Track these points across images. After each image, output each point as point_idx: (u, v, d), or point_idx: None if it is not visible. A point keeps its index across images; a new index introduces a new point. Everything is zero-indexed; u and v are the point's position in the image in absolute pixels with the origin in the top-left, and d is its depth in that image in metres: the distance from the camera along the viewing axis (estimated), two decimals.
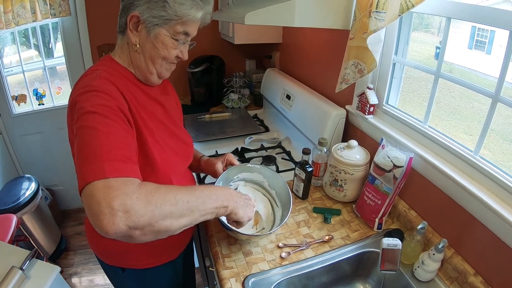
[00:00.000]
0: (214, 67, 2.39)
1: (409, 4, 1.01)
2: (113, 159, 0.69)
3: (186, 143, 1.15)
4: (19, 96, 2.67)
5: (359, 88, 1.43)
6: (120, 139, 0.76)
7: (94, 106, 0.76)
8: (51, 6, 2.26)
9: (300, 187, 1.35)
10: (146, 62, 0.95)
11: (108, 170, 0.66)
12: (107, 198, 0.62)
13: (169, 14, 0.87)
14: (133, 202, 0.64)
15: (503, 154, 1.05)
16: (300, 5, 1.16)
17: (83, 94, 0.79)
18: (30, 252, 1.33)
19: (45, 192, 2.80)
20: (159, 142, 0.98)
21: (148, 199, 0.67)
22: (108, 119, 0.76)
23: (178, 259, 1.20)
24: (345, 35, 1.33)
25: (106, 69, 0.91)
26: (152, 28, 0.89)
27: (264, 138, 1.97)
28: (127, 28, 0.90)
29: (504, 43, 1.05)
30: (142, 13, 0.87)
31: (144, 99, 0.99)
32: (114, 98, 0.81)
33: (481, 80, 1.18)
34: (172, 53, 0.95)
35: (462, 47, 1.10)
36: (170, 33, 0.91)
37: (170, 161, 1.01)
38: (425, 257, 1.01)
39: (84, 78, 0.87)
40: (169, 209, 0.71)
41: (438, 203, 1.12)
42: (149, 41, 0.91)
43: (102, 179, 0.64)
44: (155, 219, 0.68)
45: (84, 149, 0.71)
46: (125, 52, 0.96)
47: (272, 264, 1.07)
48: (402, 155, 1.11)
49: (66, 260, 2.61)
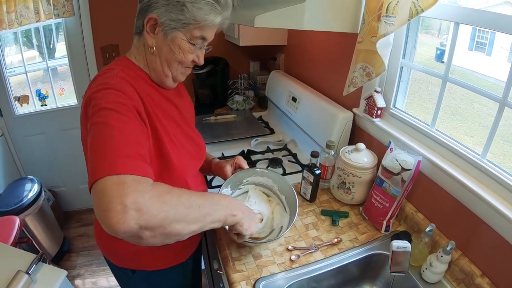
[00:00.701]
0: (218, 68, 2.39)
1: (418, 9, 1.01)
2: (127, 156, 0.68)
3: (199, 145, 1.16)
4: (22, 97, 2.66)
5: (367, 91, 1.43)
6: (134, 137, 0.75)
7: (110, 103, 0.76)
8: (54, 6, 2.25)
9: (308, 190, 1.35)
10: (162, 65, 0.95)
11: (121, 166, 0.64)
12: (120, 194, 0.60)
13: (187, 18, 0.86)
14: (146, 201, 0.62)
15: (504, 156, 1.06)
16: (310, 8, 1.16)
17: (99, 91, 0.80)
18: (36, 255, 1.32)
19: (47, 194, 2.79)
20: (175, 142, 0.98)
21: (162, 199, 0.66)
22: (124, 115, 0.76)
23: (188, 261, 1.21)
24: (351, 38, 1.34)
25: (123, 68, 0.90)
26: (169, 32, 0.89)
27: (270, 140, 1.97)
28: (144, 30, 0.90)
29: (507, 45, 1.06)
30: (160, 15, 0.87)
31: (161, 100, 0.99)
32: (130, 97, 0.81)
33: (482, 81, 1.19)
34: (189, 57, 0.94)
35: (463, 49, 1.10)
36: (187, 37, 0.90)
37: (185, 162, 1.02)
38: (433, 259, 1.02)
39: (100, 77, 0.88)
40: (183, 211, 0.70)
41: (445, 205, 1.13)
42: (165, 44, 0.91)
43: (115, 175, 0.63)
44: (169, 221, 0.66)
45: (97, 144, 0.70)
46: (141, 54, 0.96)
47: (282, 267, 1.08)
48: (410, 158, 1.12)
49: (69, 262, 2.61)
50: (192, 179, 1.08)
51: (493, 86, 1.13)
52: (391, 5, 1.04)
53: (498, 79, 1.08)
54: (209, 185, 1.53)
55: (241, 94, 2.50)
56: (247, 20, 1.21)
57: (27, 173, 2.84)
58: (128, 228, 0.60)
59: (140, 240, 0.65)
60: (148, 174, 0.70)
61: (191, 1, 0.85)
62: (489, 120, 1.01)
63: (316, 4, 1.17)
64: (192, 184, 1.06)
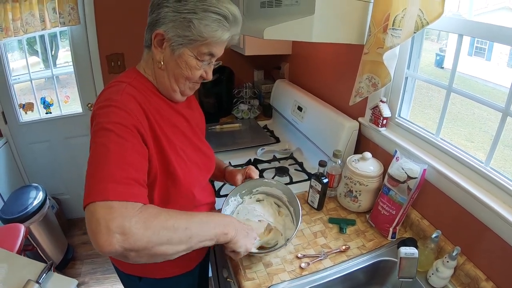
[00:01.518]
0: (224, 77, 2.40)
1: (424, 22, 1.05)
2: (119, 182, 0.71)
3: (208, 156, 1.16)
4: (26, 105, 2.67)
5: (372, 101, 1.46)
6: (130, 161, 0.76)
7: (110, 123, 0.77)
8: (60, 15, 2.27)
9: (316, 198, 1.37)
10: (170, 80, 0.95)
11: (111, 192, 0.68)
12: (106, 219, 0.64)
13: (194, 34, 0.86)
14: (131, 226, 0.66)
15: (505, 161, 1.08)
16: (318, 20, 1.18)
17: (102, 108, 0.81)
18: (46, 265, 1.32)
19: (51, 201, 2.79)
20: (182, 156, 0.98)
21: (146, 224, 0.69)
22: (122, 138, 0.77)
23: (195, 270, 1.21)
24: (356, 49, 1.36)
25: (131, 81, 0.91)
26: (176, 48, 0.88)
27: (276, 149, 1.98)
28: (152, 44, 0.90)
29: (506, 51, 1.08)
30: (167, 31, 0.86)
31: (169, 112, 0.99)
32: (132, 116, 0.81)
33: (481, 87, 1.21)
34: (196, 74, 0.94)
35: (462, 54, 1.11)
36: (194, 53, 0.90)
37: (192, 175, 1.02)
38: (439, 264, 1.04)
39: (107, 90, 0.89)
40: (167, 235, 0.73)
41: (450, 212, 1.15)
42: (173, 59, 0.91)
43: (104, 201, 0.66)
44: (152, 244, 0.70)
45: (93, 166, 0.73)
46: (150, 67, 0.96)
47: (293, 275, 1.09)
48: (416, 167, 1.15)
49: (73, 270, 2.60)
50: (200, 191, 1.07)
51: (493, 91, 1.15)
52: (397, 19, 1.07)
53: (497, 83, 1.11)
54: (217, 194, 1.54)
55: (246, 103, 2.52)
56: (256, 31, 1.23)
57: (31, 181, 2.84)
58: (113, 250, 0.64)
59: (126, 259, 0.69)
60: (139, 198, 0.73)
61: (198, 18, 0.84)
62: (489, 125, 1.03)
63: (324, 16, 1.19)
64: (199, 196, 1.07)
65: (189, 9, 0.84)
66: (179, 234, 0.76)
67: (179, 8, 0.84)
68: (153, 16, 0.89)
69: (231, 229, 0.91)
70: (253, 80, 2.80)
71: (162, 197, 0.94)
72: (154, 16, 0.88)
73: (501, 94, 0.98)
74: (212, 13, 0.85)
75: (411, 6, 1.04)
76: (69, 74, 2.69)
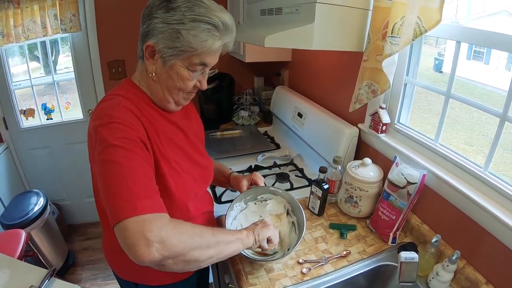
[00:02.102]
0: (224, 84, 2.42)
1: (422, 29, 1.06)
2: (142, 196, 0.74)
3: (205, 167, 1.15)
4: (27, 110, 2.68)
5: (372, 107, 1.48)
6: (144, 173, 0.79)
7: (116, 139, 0.78)
8: (61, 21, 2.29)
9: (317, 204, 1.38)
10: (163, 91, 0.94)
11: (139, 207, 0.71)
12: (144, 231, 0.68)
13: (183, 45, 0.84)
14: (167, 234, 0.71)
15: (505, 164, 1.09)
16: (318, 28, 1.19)
17: (104, 125, 0.81)
18: (48, 271, 1.33)
19: (52, 207, 2.80)
20: (176, 169, 0.97)
21: (179, 230, 0.75)
22: (131, 151, 0.78)
23: (192, 278, 1.20)
24: (356, 56, 1.38)
25: (126, 94, 0.91)
26: (167, 59, 0.87)
27: (276, 155, 1.99)
28: (144, 55, 0.89)
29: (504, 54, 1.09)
30: (157, 43, 0.85)
31: (164, 125, 0.98)
32: (134, 129, 0.82)
33: (480, 90, 1.22)
34: (188, 84, 0.93)
35: (461, 58, 1.12)
36: (185, 64, 0.88)
37: (187, 188, 1.02)
38: (439, 268, 1.05)
39: (103, 104, 0.89)
40: (197, 240, 0.78)
41: (450, 217, 1.16)
42: (164, 71, 0.90)
43: (136, 216, 0.70)
44: (187, 250, 0.75)
45: (112, 185, 0.75)
46: (144, 78, 0.96)
47: (294, 280, 1.10)
48: (415, 172, 1.16)
49: (73, 276, 2.60)
50: (195, 203, 1.07)
51: (492, 94, 1.16)
52: (396, 26, 1.09)
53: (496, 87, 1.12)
54: (218, 201, 1.55)
55: (247, 110, 2.53)
56: (257, 39, 1.24)
57: (31, 186, 2.85)
58: (153, 258, 0.69)
59: (164, 267, 0.74)
60: (164, 209, 0.78)
61: (186, 28, 0.83)
62: (489, 129, 1.04)
63: (324, 24, 1.20)
64: (194, 208, 1.07)
65: (177, 19, 0.82)
66: (207, 239, 0.82)
67: (168, 18, 0.83)
68: (144, 27, 0.88)
69: (246, 232, 0.97)
70: (253, 87, 2.83)
71: None
72: (145, 27, 0.88)
73: (500, 97, 0.99)
74: (200, 22, 0.83)
75: (409, 14, 1.06)
76: (69, 80, 2.71)
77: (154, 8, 0.85)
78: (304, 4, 1.22)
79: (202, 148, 1.19)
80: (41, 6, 2.24)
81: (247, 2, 1.80)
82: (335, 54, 1.76)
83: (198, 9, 0.83)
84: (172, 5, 0.83)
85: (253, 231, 0.99)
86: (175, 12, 0.82)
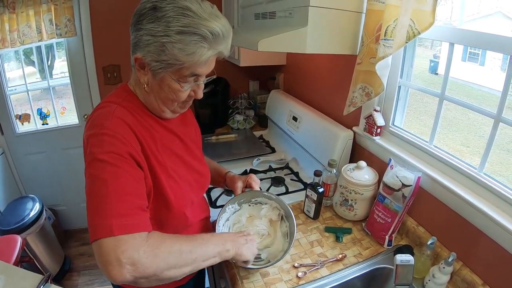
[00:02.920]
0: (219, 88, 2.42)
1: (415, 31, 1.06)
2: (122, 214, 0.72)
3: (201, 173, 1.14)
4: (23, 115, 2.68)
5: (366, 110, 1.48)
6: (129, 189, 0.77)
7: (103, 153, 0.76)
8: (57, 26, 2.28)
9: (312, 207, 1.38)
10: (157, 102, 0.92)
11: (116, 227, 0.70)
12: (117, 252, 0.67)
13: (170, 58, 0.80)
14: (140, 256, 0.69)
15: (500, 164, 1.09)
16: (312, 32, 1.20)
17: (94, 136, 0.80)
18: (43, 276, 1.32)
19: (48, 212, 2.77)
20: (173, 177, 0.96)
21: (154, 252, 0.73)
22: (117, 167, 0.76)
23: (188, 284, 1.19)
24: (350, 59, 1.39)
25: (122, 101, 0.89)
26: (156, 72, 0.84)
27: (272, 159, 1.99)
28: (135, 67, 0.87)
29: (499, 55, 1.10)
30: (144, 56, 0.82)
31: (160, 132, 0.97)
32: (124, 143, 0.80)
33: (476, 92, 1.23)
34: (181, 96, 0.89)
35: (456, 60, 1.12)
36: (175, 77, 0.85)
37: (185, 196, 1.01)
38: (435, 270, 1.05)
39: (97, 112, 0.87)
40: (173, 260, 0.77)
41: (445, 218, 1.17)
42: (156, 83, 0.87)
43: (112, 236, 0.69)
44: (160, 270, 0.73)
45: (94, 201, 0.74)
46: (139, 87, 0.94)
47: (290, 284, 1.10)
48: (410, 175, 1.16)
49: (70, 281, 2.58)
50: (192, 210, 1.06)
51: (487, 96, 1.17)
52: (389, 29, 1.09)
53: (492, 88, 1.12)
54: (214, 205, 1.54)
55: (242, 114, 2.53)
56: (250, 43, 1.24)
57: (27, 192, 2.84)
58: (125, 279, 0.68)
59: (137, 284, 0.73)
60: (143, 227, 0.75)
61: (172, 41, 0.78)
62: (484, 129, 1.04)
63: (317, 28, 1.20)
64: (191, 215, 1.06)
65: (162, 31, 0.78)
66: (185, 257, 0.80)
67: (152, 30, 0.79)
68: (132, 38, 0.85)
69: (231, 245, 0.95)
70: (249, 91, 2.82)
71: (155, 219, 0.92)
72: (133, 38, 0.85)
73: (495, 98, 0.99)
74: (186, 34, 0.78)
75: (402, 16, 1.06)
76: (65, 85, 2.70)
77: (141, 17, 0.81)
78: (297, 8, 1.22)
79: (199, 154, 1.18)
80: (37, 11, 2.24)
81: (242, 6, 1.80)
82: (330, 57, 1.77)
83: (184, 19, 0.78)
84: (158, 14, 0.78)
85: (237, 247, 0.97)
86: (160, 23, 0.78)
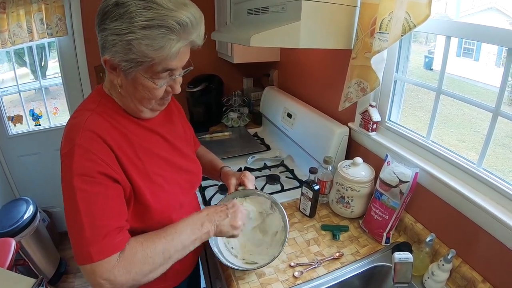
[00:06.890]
0: (213, 86, 2.40)
1: (411, 24, 1.05)
2: (96, 241, 0.75)
3: (192, 172, 1.11)
4: (15, 117, 2.65)
5: (362, 106, 1.46)
6: (107, 213, 0.78)
7: (75, 176, 0.75)
8: (48, 26, 2.26)
9: (308, 205, 1.36)
10: (134, 103, 0.88)
11: (93, 254, 0.74)
12: (96, 276, 0.74)
13: (138, 56, 0.76)
14: (115, 276, 0.75)
15: (496, 159, 1.09)
16: (305, 26, 1.18)
17: (66, 156, 0.78)
18: (36, 280, 1.30)
19: (42, 214, 2.75)
20: (157, 182, 0.93)
21: (127, 269, 0.78)
22: (88, 193, 0.76)
23: (182, 285, 1.16)
24: (344, 53, 1.37)
25: (96, 107, 0.86)
26: (128, 72, 0.80)
27: (266, 157, 1.98)
28: (106, 69, 0.83)
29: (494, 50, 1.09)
30: (113, 57, 0.78)
31: (141, 135, 0.93)
32: (95, 161, 0.78)
33: (471, 87, 1.22)
34: (157, 93, 0.86)
35: (451, 55, 1.11)
36: (148, 75, 0.81)
37: (170, 200, 0.98)
38: (434, 268, 1.04)
39: (70, 122, 0.84)
40: (148, 267, 0.81)
41: (444, 215, 1.15)
42: (129, 83, 0.83)
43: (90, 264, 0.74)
44: (137, 280, 0.80)
45: (71, 231, 0.77)
46: (114, 89, 0.89)
47: (286, 284, 1.08)
48: (407, 171, 1.14)
49: (66, 284, 2.56)
50: (179, 215, 0.98)
51: (482, 91, 1.16)
52: (384, 22, 1.07)
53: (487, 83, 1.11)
54: (208, 203, 1.53)
55: (236, 111, 2.52)
56: (243, 39, 1.22)
57: (21, 194, 2.81)
58: None
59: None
60: (118, 247, 0.78)
61: (137, 38, 0.74)
62: (480, 124, 1.03)
63: (311, 22, 1.19)
64: (178, 219, 0.98)
65: (126, 28, 0.73)
66: (159, 260, 0.83)
67: (116, 29, 0.74)
68: (99, 39, 0.80)
69: (208, 226, 0.93)
70: (243, 88, 2.81)
71: (140, 227, 0.90)
72: (99, 39, 0.80)
73: (490, 93, 0.99)
74: (152, 28, 0.74)
75: (397, 9, 1.04)
76: (58, 85, 2.67)
77: (104, 16, 0.76)
78: (290, 2, 1.20)
79: (189, 152, 1.14)
80: (27, 11, 2.21)
81: (234, 2, 1.78)
82: (324, 53, 1.75)
83: (148, 12, 0.73)
84: (120, 10, 0.73)
85: (215, 226, 0.95)
86: (123, 20, 0.73)
